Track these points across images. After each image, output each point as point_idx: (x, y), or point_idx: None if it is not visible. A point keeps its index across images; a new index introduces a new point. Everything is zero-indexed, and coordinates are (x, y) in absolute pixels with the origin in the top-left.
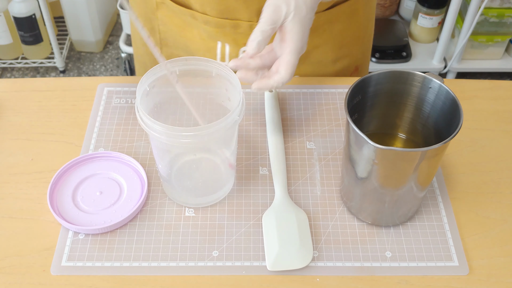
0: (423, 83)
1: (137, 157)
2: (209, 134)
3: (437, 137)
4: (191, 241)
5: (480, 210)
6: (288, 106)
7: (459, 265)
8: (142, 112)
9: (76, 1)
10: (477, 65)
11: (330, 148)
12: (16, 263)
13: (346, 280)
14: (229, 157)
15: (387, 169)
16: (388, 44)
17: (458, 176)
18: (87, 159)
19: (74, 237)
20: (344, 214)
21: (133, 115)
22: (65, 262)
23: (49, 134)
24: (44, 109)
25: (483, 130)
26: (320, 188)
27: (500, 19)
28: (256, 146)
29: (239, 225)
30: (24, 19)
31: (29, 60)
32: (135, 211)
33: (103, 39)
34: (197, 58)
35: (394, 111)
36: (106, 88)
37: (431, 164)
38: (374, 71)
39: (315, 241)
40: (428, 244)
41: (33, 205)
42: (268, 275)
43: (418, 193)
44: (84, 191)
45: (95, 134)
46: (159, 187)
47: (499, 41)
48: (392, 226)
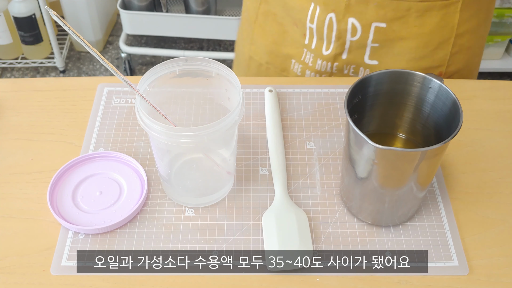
0: (423, 83)
1: (137, 157)
2: (209, 134)
3: (437, 137)
4: (191, 241)
5: (480, 210)
6: (288, 106)
7: (459, 265)
8: (142, 112)
9: (76, 1)
10: None
11: (330, 148)
12: (16, 263)
13: (346, 280)
14: (227, 163)
15: (387, 169)
16: None
17: (458, 176)
18: (87, 159)
19: (74, 237)
20: (344, 214)
21: (133, 115)
22: (65, 262)
23: (49, 134)
24: (44, 109)
25: (483, 130)
26: (320, 188)
27: (500, 19)
28: (256, 146)
29: (239, 225)
30: (24, 19)
31: (29, 60)
32: (135, 211)
33: (103, 39)
34: (197, 58)
35: (394, 111)
36: (106, 88)
37: (431, 164)
38: (374, 71)
39: (315, 241)
40: (428, 244)
41: (33, 205)
42: (268, 275)
43: (418, 193)
44: (84, 191)
45: (95, 134)
46: (159, 187)
47: (499, 41)
48: (392, 226)
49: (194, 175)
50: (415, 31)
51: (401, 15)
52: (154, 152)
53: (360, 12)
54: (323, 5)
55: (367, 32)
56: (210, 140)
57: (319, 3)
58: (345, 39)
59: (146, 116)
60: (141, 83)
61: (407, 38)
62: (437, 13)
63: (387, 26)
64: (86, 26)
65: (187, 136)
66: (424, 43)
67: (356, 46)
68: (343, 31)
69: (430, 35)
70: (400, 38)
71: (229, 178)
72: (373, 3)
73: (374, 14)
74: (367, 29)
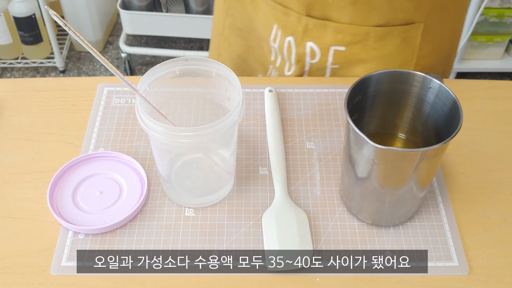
0: (423, 83)
1: (137, 157)
2: (209, 134)
3: (437, 137)
4: (191, 241)
5: (480, 210)
6: (288, 106)
7: (459, 265)
8: (142, 112)
9: (76, 1)
10: (477, 65)
11: (330, 148)
12: (16, 263)
13: (346, 280)
14: (227, 163)
15: (387, 169)
16: None
17: (458, 176)
18: (87, 159)
19: (74, 237)
20: (344, 214)
21: (133, 115)
22: (65, 262)
23: (49, 134)
24: (44, 109)
25: (483, 130)
26: (320, 188)
27: (500, 19)
28: (256, 146)
29: (239, 225)
30: (24, 19)
31: (29, 60)
32: (135, 211)
33: (103, 39)
34: (197, 58)
35: (394, 111)
36: (106, 88)
37: (431, 164)
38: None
39: (315, 241)
40: (428, 244)
41: (33, 205)
42: (268, 275)
43: (418, 193)
44: (84, 191)
45: (95, 134)
46: (159, 187)
47: (499, 41)
48: (392, 226)
49: (194, 175)
50: (374, 53)
51: (360, 39)
52: (154, 152)
53: (318, 37)
54: (282, 28)
55: (326, 55)
56: (210, 140)
57: (280, 26)
58: (304, 62)
59: (146, 116)
60: (141, 83)
61: (367, 60)
62: (397, 37)
63: (346, 49)
64: (86, 26)
65: (187, 136)
66: (384, 64)
67: (316, 68)
68: (302, 54)
69: (391, 57)
70: (359, 61)
71: (229, 178)
72: (331, 28)
73: (332, 39)
74: (325, 53)
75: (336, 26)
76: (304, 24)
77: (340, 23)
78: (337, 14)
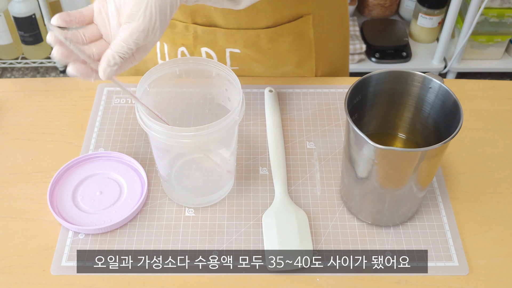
0: (423, 83)
1: (137, 157)
2: (209, 134)
3: (437, 137)
4: (191, 241)
5: (480, 210)
6: (288, 106)
7: (459, 265)
8: (142, 112)
9: (76, 1)
10: (477, 65)
11: (330, 148)
12: (16, 263)
13: (346, 280)
14: (227, 163)
15: (387, 169)
16: (388, 44)
17: (458, 176)
18: (87, 159)
19: (74, 237)
20: (344, 214)
21: (133, 115)
22: (65, 262)
23: (49, 134)
24: (44, 109)
25: (483, 130)
26: (320, 188)
27: (500, 19)
28: (256, 146)
29: (239, 225)
30: (24, 19)
31: (29, 60)
32: (135, 211)
33: None
34: (197, 58)
35: (394, 111)
36: (106, 88)
37: (431, 164)
38: (374, 71)
39: (315, 241)
40: (428, 244)
41: (33, 205)
42: (268, 275)
43: (418, 193)
44: (84, 191)
45: (95, 134)
46: (159, 187)
47: (499, 41)
48: (392, 226)
49: (194, 175)
50: (270, 53)
51: (252, 42)
52: (154, 152)
53: (210, 41)
54: (170, 42)
55: (223, 58)
56: (210, 140)
57: (165, 41)
58: None
59: (146, 116)
60: (141, 83)
61: (264, 60)
62: (289, 34)
63: (241, 51)
64: None
65: (187, 136)
66: (283, 61)
67: None
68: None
69: (287, 55)
70: (256, 61)
71: (229, 178)
72: (220, 33)
73: (225, 42)
74: (222, 56)
75: (225, 32)
76: (193, 32)
77: (228, 28)
78: (222, 21)
